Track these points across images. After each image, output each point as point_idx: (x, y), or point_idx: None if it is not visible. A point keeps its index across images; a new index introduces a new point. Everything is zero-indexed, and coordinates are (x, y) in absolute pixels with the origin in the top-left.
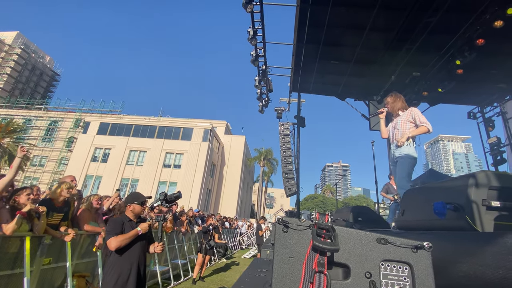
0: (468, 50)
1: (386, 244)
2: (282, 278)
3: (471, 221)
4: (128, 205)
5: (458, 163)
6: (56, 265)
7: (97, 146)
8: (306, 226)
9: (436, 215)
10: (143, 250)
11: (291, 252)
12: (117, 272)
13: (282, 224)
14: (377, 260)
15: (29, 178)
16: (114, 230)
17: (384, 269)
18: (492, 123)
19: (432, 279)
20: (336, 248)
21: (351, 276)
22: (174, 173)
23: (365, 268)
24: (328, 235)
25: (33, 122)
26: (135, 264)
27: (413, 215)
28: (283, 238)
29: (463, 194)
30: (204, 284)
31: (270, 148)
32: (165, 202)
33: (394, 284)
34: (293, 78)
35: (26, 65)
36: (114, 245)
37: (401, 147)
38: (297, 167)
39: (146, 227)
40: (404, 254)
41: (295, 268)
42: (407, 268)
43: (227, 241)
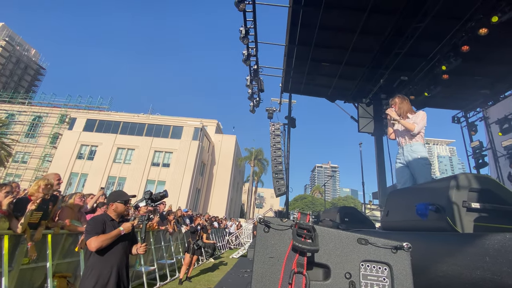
0: (453, 56)
1: (367, 245)
2: (261, 278)
3: (452, 222)
4: (110, 203)
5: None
6: (36, 265)
7: (83, 143)
8: (288, 226)
9: (418, 216)
10: (125, 251)
11: (271, 253)
12: (96, 275)
13: (264, 224)
14: (357, 261)
15: (11, 175)
16: (95, 229)
17: (364, 270)
18: (475, 127)
19: (410, 279)
20: (315, 249)
21: (331, 276)
22: (163, 172)
23: (345, 268)
24: (308, 235)
25: (16, 117)
26: (116, 267)
27: (397, 216)
28: (264, 238)
29: (444, 196)
30: (191, 284)
31: (261, 148)
32: (150, 201)
33: (374, 285)
34: (285, 79)
35: (10, 58)
36: (95, 246)
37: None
38: (287, 168)
39: (129, 227)
40: (383, 255)
41: (275, 269)
42: (386, 269)
43: (215, 241)
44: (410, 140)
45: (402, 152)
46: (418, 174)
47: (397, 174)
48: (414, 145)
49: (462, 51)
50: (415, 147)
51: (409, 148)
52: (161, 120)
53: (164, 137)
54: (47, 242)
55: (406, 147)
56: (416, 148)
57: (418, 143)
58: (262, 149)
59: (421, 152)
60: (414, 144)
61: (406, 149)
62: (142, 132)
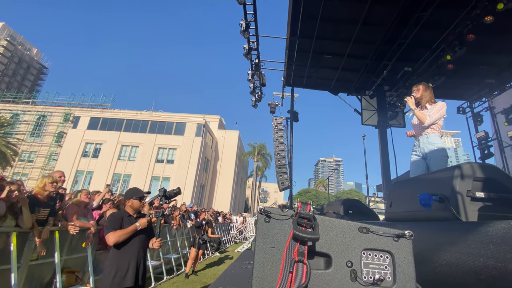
0: (458, 45)
1: (368, 233)
2: (263, 268)
3: (456, 211)
4: (127, 200)
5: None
6: (44, 260)
7: (88, 141)
8: (288, 216)
9: (422, 206)
10: (142, 245)
11: (272, 242)
12: (115, 267)
13: (264, 214)
14: (358, 249)
15: (18, 174)
16: (113, 225)
17: (366, 258)
18: (480, 118)
19: (412, 267)
20: (316, 237)
21: (332, 265)
22: (167, 168)
23: (347, 257)
24: (309, 224)
25: (20, 117)
26: (134, 260)
27: (400, 207)
28: (265, 228)
29: (448, 186)
30: (197, 278)
31: (264, 143)
32: (164, 198)
33: (375, 273)
34: (286, 72)
35: (12, 58)
36: (112, 240)
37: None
38: (290, 162)
39: (145, 223)
40: (385, 243)
41: (276, 258)
42: (388, 257)
43: (220, 235)
44: (426, 131)
45: (418, 144)
46: (435, 166)
47: (413, 167)
48: (430, 137)
49: (467, 39)
50: (432, 139)
51: (426, 139)
52: (164, 117)
53: (168, 134)
54: (54, 239)
55: (422, 138)
56: (433, 139)
57: (434, 134)
58: (265, 144)
59: (438, 143)
60: (430, 135)
61: (422, 141)
62: (146, 129)
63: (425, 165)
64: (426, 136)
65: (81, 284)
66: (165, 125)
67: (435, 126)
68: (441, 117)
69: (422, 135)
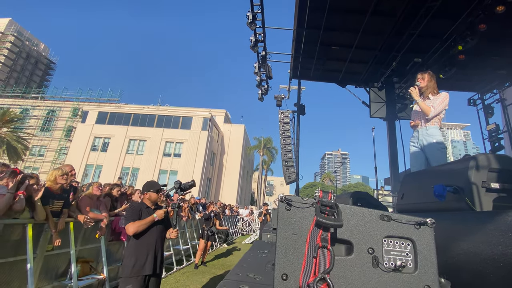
0: (470, 36)
1: (389, 221)
2: (285, 254)
3: (471, 202)
4: (144, 193)
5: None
6: (59, 251)
7: (96, 135)
8: (309, 204)
9: (436, 197)
10: (160, 235)
11: (294, 229)
12: (134, 256)
13: (285, 202)
14: (380, 237)
15: (29, 168)
16: (132, 216)
17: (387, 245)
18: (491, 110)
19: (434, 254)
20: (340, 224)
21: (354, 252)
22: (175, 162)
23: (368, 244)
24: (331, 212)
25: (30, 112)
26: (152, 249)
27: (412, 199)
28: (286, 216)
29: (463, 177)
30: (206, 269)
31: (269, 137)
32: (180, 190)
33: (397, 259)
34: (293, 65)
35: (20, 53)
36: (132, 230)
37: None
38: (296, 155)
39: (162, 214)
40: (406, 230)
41: (298, 244)
42: (409, 244)
43: (228, 227)
44: (426, 123)
45: (417, 135)
46: (433, 158)
47: (412, 158)
48: (430, 129)
49: (479, 29)
50: (431, 131)
51: (425, 131)
52: (170, 111)
53: (174, 128)
54: (69, 229)
55: (421, 130)
56: (432, 131)
57: (434, 126)
58: (271, 138)
59: (436, 136)
60: (430, 127)
61: (422, 133)
62: (153, 123)
63: (424, 157)
64: (426, 128)
65: (95, 273)
66: (171, 119)
67: (436, 118)
68: (444, 108)
69: (422, 126)
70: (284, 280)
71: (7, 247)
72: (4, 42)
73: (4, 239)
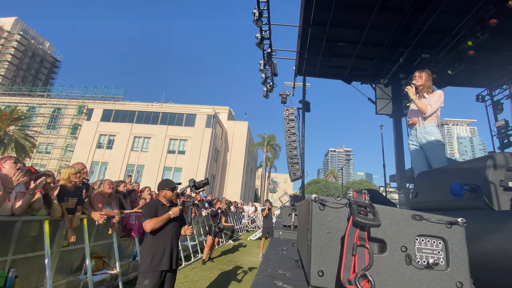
0: (480, 31)
1: (421, 220)
2: (321, 251)
3: (488, 201)
4: (160, 191)
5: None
6: (74, 247)
7: (102, 133)
8: (343, 204)
9: (452, 196)
10: (176, 232)
11: (328, 229)
12: (152, 252)
13: (319, 202)
14: (412, 235)
15: (36, 165)
16: (149, 213)
17: (419, 244)
18: (500, 106)
19: (465, 252)
20: (378, 223)
21: (387, 250)
22: (179, 159)
23: (401, 242)
24: (366, 211)
25: (36, 110)
26: (169, 245)
27: (427, 197)
28: (320, 216)
29: (480, 175)
30: (214, 265)
31: (273, 134)
32: (194, 188)
33: (429, 257)
34: (298, 62)
35: (26, 52)
36: (149, 227)
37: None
38: (302, 152)
39: (177, 212)
40: (438, 230)
41: (333, 243)
42: (441, 242)
43: (233, 224)
44: (424, 121)
45: (415, 133)
46: (432, 156)
47: (413, 156)
48: (427, 127)
49: (490, 24)
50: (429, 129)
51: (423, 129)
52: (174, 108)
53: (178, 125)
54: (83, 226)
55: (419, 128)
56: (430, 129)
57: (431, 124)
58: (275, 135)
59: (434, 133)
60: (427, 125)
61: (420, 131)
62: (157, 121)
63: (424, 155)
64: (424, 126)
65: (108, 268)
66: (175, 116)
67: (433, 116)
68: (440, 106)
69: (419, 124)
70: (320, 276)
71: (25, 243)
72: (10, 41)
73: (22, 235)
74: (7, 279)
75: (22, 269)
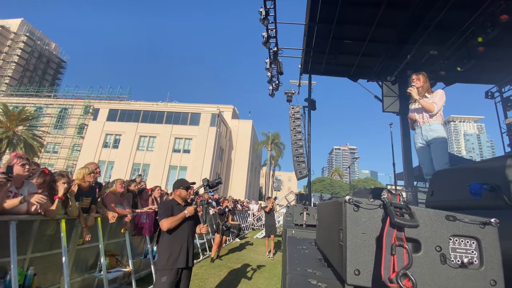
0: (491, 27)
1: (455, 221)
2: (356, 251)
3: (508, 200)
4: (175, 190)
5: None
6: (89, 245)
7: (108, 132)
8: (377, 205)
9: (471, 195)
10: (191, 230)
11: (363, 229)
12: (169, 250)
13: (353, 204)
14: (446, 235)
15: (44, 165)
16: (165, 212)
17: (453, 243)
18: (510, 102)
19: (499, 251)
20: (416, 224)
21: (422, 249)
22: (184, 158)
23: (435, 242)
24: (402, 212)
25: (44, 110)
26: (185, 243)
27: (443, 196)
28: (354, 217)
29: (500, 175)
30: (222, 262)
31: (277, 132)
32: (208, 188)
33: (463, 256)
34: (304, 60)
35: (33, 53)
36: (166, 226)
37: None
38: (308, 151)
39: (192, 211)
40: (472, 230)
41: (369, 243)
42: (474, 242)
43: (240, 222)
44: (429, 119)
45: (420, 131)
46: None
47: (420, 154)
48: (433, 124)
49: (501, 20)
50: (434, 126)
51: (428, 127)
52: (179, 107)
53: (183, 124)
54: (97, 225)
55: (424, 126)
56: (435, 127)
57: (436, 122)
58: (279, 133)
59: (440, 130)
60: (432, 123)
61: (425, 128)
62: (162, 120)
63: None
64: (429, 123)
65: (121, 266)
66: (180, 115)
67: (438, 114)
68: (443, 104)
69: (424, 123)
70: (356, 275)
71: (43, 242)
72: (17, 42)
73: (40, 234)
74: (26, 277)
75: (40, 267)
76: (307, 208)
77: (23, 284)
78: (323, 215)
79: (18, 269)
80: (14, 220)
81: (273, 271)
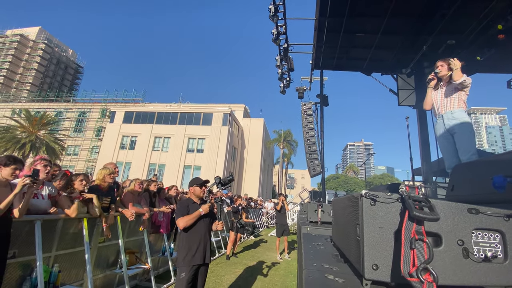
0: (511, 13)
1: (478, 214)
2: (374, 246)
3: None
4: (190, 187)
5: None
6: (109, 243)
7: (124, 134)
8: (394, 199)
9: (495, 188)
10: (207, 227)
11: (380, 223)
12: (186, 248)
13: (370, 198)
14: (469, 229)
15: (65, 167)
16: (181, 211)
17: (476, 237)
18: None
19: None
20: (437, 217)
21: (443, 244)
22: (198, 158)
23: (457, 236)
24: (422, 206)
25: (64, 114)
26: (202, 241)
27: (464, 190)
28: (371, 211)
29: None
30: (238, 260)
31: (289, 130)
32: (220, 185)
33: (486, 250)
34: (315, 55)
35: (51, 60)
36: (182, 224)
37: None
38: (321, 147)
39: (207, 208)
40: (495, 223)
41: (387, 237)
42: (498, 236)
43: (254, 220)
44: (452, 107)
45: (442, 121)
46: (462, 141)
47: (442, 146)
48: (455, 112)
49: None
50: (457, 114)
51: (450, 115)
52: (191, 108)
53: (196, 124)
54: (117, 223)
55: (446, 114)
56: (458, 114)
57: (460, 109)
58: (291, 131)
59: (464, 118)
60: (455, 110)
61: (447, 117)
62: (176, 121)
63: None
64: (451, 112)
65: (140, 263)
66: (193, 116)
67: (461, 101)
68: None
69: (446, 111)
70: (374, 269)
71: (66, 240)
72: (36, 50)
73: (64, 232)
74: (51, 274)
75: (63, 264)
76: (322, 205)
77: (48, 281)
78: (338, 211)
79: (43, 266)
80: (39, 219)
81: (289, 269)
